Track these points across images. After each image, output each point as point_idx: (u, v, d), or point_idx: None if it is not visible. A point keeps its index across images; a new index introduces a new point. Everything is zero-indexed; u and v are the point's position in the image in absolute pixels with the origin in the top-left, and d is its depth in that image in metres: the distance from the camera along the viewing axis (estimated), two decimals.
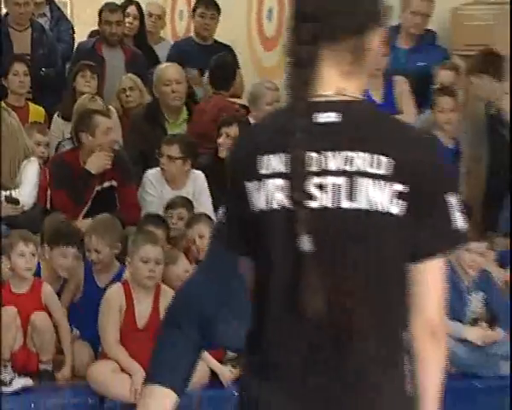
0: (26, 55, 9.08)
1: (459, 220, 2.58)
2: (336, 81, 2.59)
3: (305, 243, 2.50)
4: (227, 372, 6.80)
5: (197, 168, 7.91)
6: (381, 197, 2.51)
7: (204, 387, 6.68)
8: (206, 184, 7.90)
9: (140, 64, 9.38)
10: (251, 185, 2.59)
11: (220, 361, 6.85)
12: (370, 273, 2.54)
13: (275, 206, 2.55)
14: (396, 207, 2.52)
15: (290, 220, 2.51)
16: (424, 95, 7.79)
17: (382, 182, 2.51)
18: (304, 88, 2.54)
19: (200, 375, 6.52)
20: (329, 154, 2.53)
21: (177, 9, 11.69)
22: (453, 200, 2.58)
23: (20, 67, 8.60)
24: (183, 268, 6.88)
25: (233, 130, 7.94)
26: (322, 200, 2.53)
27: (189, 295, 4.81)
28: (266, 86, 8.65)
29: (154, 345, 3.17)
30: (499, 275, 7.20)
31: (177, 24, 11.65)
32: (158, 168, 7.87)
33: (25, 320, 6.61)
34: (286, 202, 2.54)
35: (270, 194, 2.56)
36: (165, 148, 7.81)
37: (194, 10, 10.01)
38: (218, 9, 9.69)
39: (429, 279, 2.60)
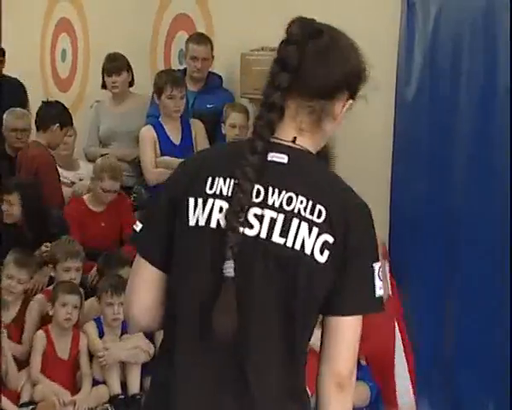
0: None
1: (378, 288, 1.90)
2: (293, 132, 1.93)
3: (229, 268, 1.82)
4: None
5: None
6: (311, 242, 1.84)
7: None
8: None
9: None
10: (192, 201, 1.90)
11: None
12: (277, 311, 1.85)
13: (212, 224, 1.88)
14: (322, 256, 1.85)
15: (221, 242, 1.84)
16: (214, 133, 6.17)
17: (315, 229, 1.84)
18: (266, 130, 1.89)
19: None
20: (272, 190, 1.88)
21: None
22: (376, 267, 1.90)
23: None
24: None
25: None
26: (257, 230, 1.86)
27: None
28: None
29: None
30: None
31: None
32: None
33: None
34: (222, 223, 1.86)
35: (211, 212, 1.88)
36: None
37: None
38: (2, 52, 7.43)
39: (344, 335, 1.89)
